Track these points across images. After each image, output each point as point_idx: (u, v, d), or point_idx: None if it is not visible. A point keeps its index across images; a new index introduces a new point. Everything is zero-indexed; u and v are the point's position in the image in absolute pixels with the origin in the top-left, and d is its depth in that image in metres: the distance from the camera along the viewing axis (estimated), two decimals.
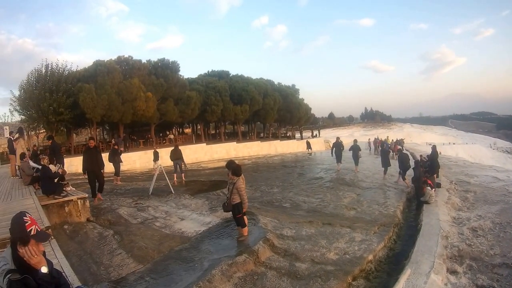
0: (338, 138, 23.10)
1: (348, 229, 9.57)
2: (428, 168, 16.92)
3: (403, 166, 17.29)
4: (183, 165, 19.24)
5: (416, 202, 13.93)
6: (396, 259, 8.31)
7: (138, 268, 6.84)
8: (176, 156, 18.76)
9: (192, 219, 10.56)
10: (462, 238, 9.45)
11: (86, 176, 12.61)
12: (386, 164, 18.92)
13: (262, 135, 60.98)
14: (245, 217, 8.30)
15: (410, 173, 16.62)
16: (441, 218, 11.11)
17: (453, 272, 7.43)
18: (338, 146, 21.68)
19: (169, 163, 20.47)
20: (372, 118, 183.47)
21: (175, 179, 18.87)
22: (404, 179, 17.01)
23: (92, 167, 12.24)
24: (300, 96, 59.12)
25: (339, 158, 21.46)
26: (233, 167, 8.13)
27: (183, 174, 19.30)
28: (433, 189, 13.73)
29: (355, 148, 20.82)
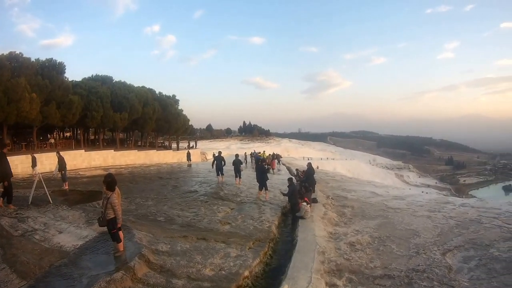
0: (220, 152, 25.28)
1: (223, 244, 10.11)
2: (304, 183, 17.62)
3: (263, 177, 18.44)
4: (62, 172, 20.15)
5: (291, 217, 14.50)
6: (273, 274, 8.73)
7: (22, 285, 7.00)
8: (64, 164, 19.92)
9: (70, 232, 10.66)
10: (340, 252, 10.02)
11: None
12: (263, 178, 19.21)
13: (140, 143, 61.76)
14: (120, 232, 8.60)
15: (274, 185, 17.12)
16: (317, 233, 11.65)
17: (332, 285, 7.81)
18: (219, 160, 23.46)
19: (48, 169, 21.97)
20: (250, 131, 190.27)
21: (66, 187, 19.67)
22: (263, 190, 18.28)
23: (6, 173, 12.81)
24: (180, 107, 62.30)
25: (220, 171, 23.28)
26: (107, 181, 8.39)
27: (67, 183, 20.04)
28: (309, 205, 14.37)
29: (237, 162, 22.67)
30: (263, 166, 19.87)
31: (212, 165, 24.04)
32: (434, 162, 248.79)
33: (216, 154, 24.74)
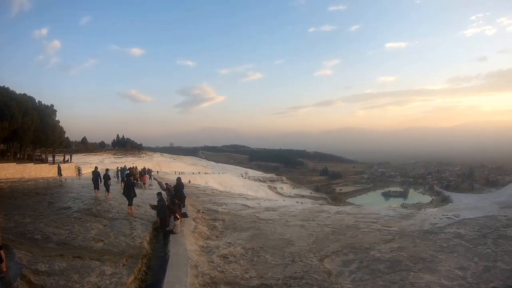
0: (96, 167, 27.09)
1: (98, 262, 10.25)
2: (174, 198, 18.07)
3: (130, 193, 18.56)
4: None
5: (162, 232, 14.76)
6: None
7: None
8: None
9: None
10: (213, 265, 10.29)
11: None
12: (130, 194, 19.02)
13: (19, 156, 58.99)
14: (1, 252, 8.57)
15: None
16: (189, 247, 11.91)
17: None
18: (96, 175, 24.88)
19: None
20: (123, 145, 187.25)
21: None
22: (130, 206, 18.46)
23: None
24: (57, 118, 60.22)
25: (96, 185, 24.52)
26: None
27: None
28: (179, 219, 14.54)
29: (106, 177, 24.41)
30: (129, 181, 19.67)
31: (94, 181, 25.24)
32: (308, 174, 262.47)
33: (93, 169, 26.36)
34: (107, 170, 25.89)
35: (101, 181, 24.66)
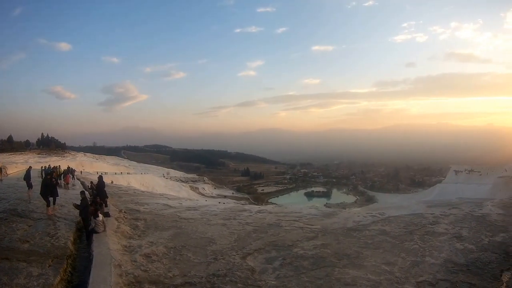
0: (30, 167, 27.96)
1: (25, 263, 10.20)
2: (96, 197, 17.87)
3: (46, 192, 18.23)
4: None
5: (85, 232, 14.57)
6: None
7: None
8: None
9: None
10: (136, 265, 10.33)
11: None
12: (52, 193, 18.75)
13: None
14: None
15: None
16: (112, 247, 11.83)
17: None
18: (28, 174, 25.31)
19: None
20: (47, 145, 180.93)
21: None
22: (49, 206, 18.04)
23: None
24: None
25: (29, 185, 24.32)
26: None
27: None
28: (101, 219, 14.29)
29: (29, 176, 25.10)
30: (47, 180, 19.18)
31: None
32: (229, 174, 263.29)
33: (27, 168, 26.84)
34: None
35: (30, 179, 24.60)
